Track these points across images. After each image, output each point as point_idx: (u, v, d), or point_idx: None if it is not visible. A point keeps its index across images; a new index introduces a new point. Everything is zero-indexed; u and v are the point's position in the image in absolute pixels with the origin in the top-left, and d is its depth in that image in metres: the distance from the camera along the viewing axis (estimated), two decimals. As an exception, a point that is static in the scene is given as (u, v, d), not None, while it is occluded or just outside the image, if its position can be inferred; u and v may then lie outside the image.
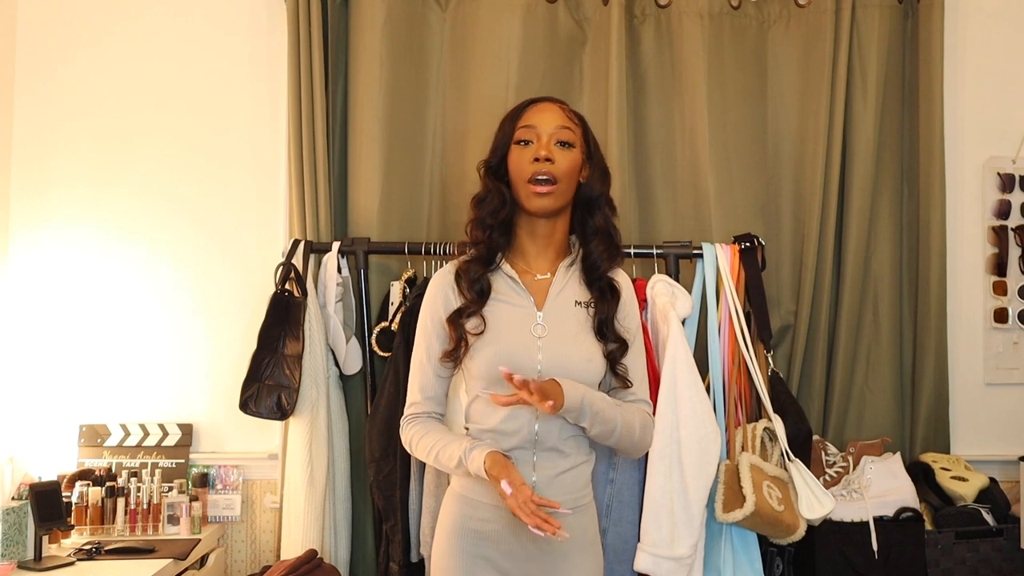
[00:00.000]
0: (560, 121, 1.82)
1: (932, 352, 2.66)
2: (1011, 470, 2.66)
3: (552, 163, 1.77)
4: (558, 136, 1.80)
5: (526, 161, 1.79)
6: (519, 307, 1.82)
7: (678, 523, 2.13)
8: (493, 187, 1.85)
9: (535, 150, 1.78)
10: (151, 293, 2.62)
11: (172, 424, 2.58)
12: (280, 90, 2.60)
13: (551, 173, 1.77)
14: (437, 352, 1.83)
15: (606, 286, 1.85)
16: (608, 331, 1.83)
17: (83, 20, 2.64)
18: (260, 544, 2.60)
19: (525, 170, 1.78)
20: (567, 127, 1.82)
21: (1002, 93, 2.81)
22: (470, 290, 1.81)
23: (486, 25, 2.63)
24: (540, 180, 1.77)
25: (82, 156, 2.62)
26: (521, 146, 1.81)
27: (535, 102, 1.86)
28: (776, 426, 2.33)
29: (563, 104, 1.87)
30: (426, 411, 1.86)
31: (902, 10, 2.73)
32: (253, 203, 2.65)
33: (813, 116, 2.67)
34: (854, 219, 2.66)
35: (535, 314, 1.81)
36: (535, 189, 1.77)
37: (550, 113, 1.83)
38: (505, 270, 1.85)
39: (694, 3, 2.67)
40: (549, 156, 1.77)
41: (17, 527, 2.13)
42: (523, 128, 1.81)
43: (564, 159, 1.79)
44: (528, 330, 1.79)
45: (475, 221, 1.86)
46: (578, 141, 1.83)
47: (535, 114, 1.83)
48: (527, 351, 1.77)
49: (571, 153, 1.80)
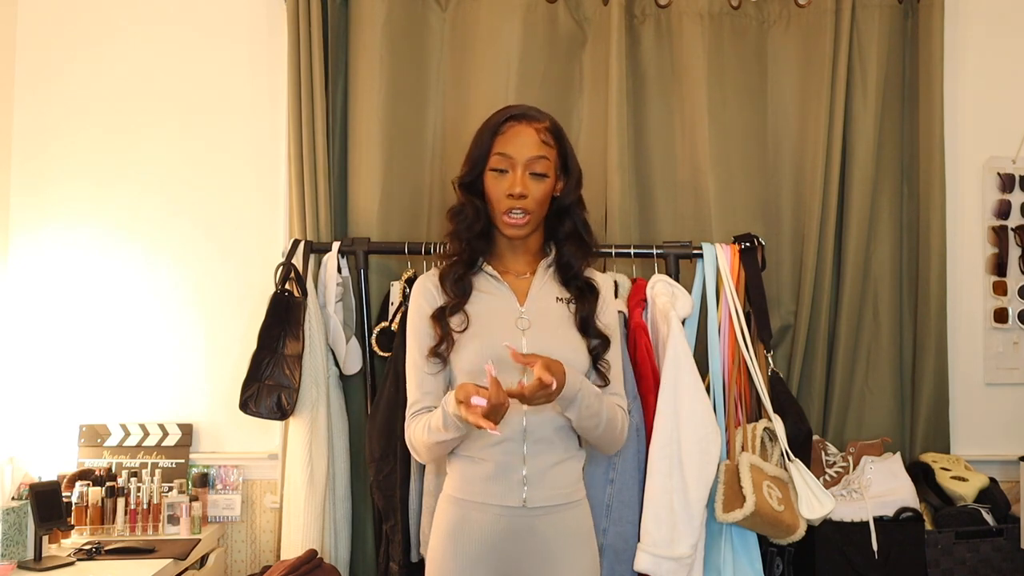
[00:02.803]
0: (534, 150, 1.82)
1: (932, 352, 2.66)
2: (1011, 470, 2.66)
3: (526, 198, 1.81)
4: (531, 167, 1.82)
5: (501, 193, 1.83)
6: (502, 300, 1.86)
7: (678, 523, 2.13)
8: (467, 201, 1.89)
9: (510, 183, 1.81)
10: (151, 293, 2.62)
11: (172, 424, 2.58)
12: (280, 90, 2.60)
13: (525, 207, 1.82)
14: (427, 347, 1.85)
15: (584, 284, 1.89)
16: (590, 327, 1.86)
17: (83, 21, 2.64)
18: (260, 544, 2.60)
19: (501, 202, 1.83)
20: (541, 156, 1.83)
21: (1002, 93, 2.81)
22: (453, 288, 1.85)
23: (486, 25, 2.63)
24: (515, 214, 1.82)
25: (82, 156, 2.62)
26: (496, 174, 1.84)
27: (512, 119, 1.85)
28: (776, 426, 2.33)
29: (539, 122, 1.86)
30: (427, 406, 1.86)
31: (902, 10, 2.73)
32: (253, 203, 2.65)
33: (813, 116, 2.67)
34: (854, 219, 2.66)
35: (518, 308, 1.85)
36: (510, 221, 1.83)
37: (525, 139, 1.83)
38: (486, 270, 1.89)
39: (694, 3, 2.67)
40: (524, 191, 1.81)
41: (17, 527, 2.13)
42: (498, 156, 1.83)
43: (538, 190, 1.83)
44: (512, 324, 1.83)
45: (452, 234, 1.90)
46: (551, 167, 1.85)
47: (510, 140, 1.83)
48: (513, 340, 1.78)
49: (544, 184, 1.84)
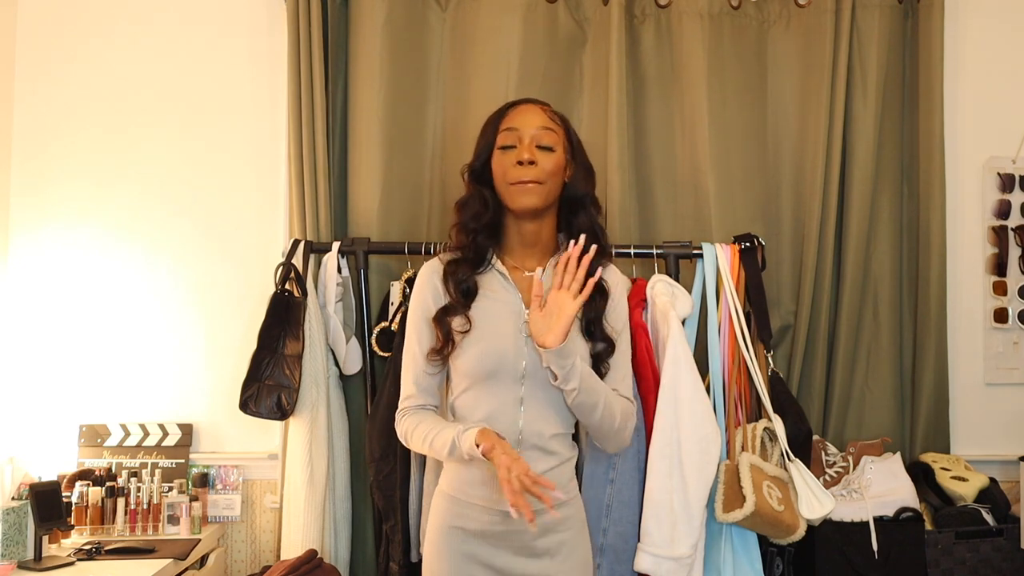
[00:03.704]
0: (541, 122, 1.83)
1: (932, 352, 2.66)
2: (1011, 470, 2.66)
3: (535, 165, 1.79)
4: (539, 139, 1.81)
5: (509, 164, 1.81)
6: (507, 304, 1.83)
7: (678, 523, 2.13)
8: (475, 191, 1.87)
9: (518, 153, 1.80)
10: (151, 293, 2.62)
11: (172, 424, 2.58)
12: (280, 90, 2.60)
13: (534, 175, 1.79)
14: (428, 345, 1.84)
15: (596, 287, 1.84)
16: (596, 331, 1.84)
17: (83, 21, 2.64)
18: (260, 544, 2.60)
19: (509, 173, 1.81)
20: (548, 128, 1.83)
21: (1002, 93, 2.81)
22: (456, 291, 1.83)
23: (486, 25, 2.63)
24: (524, 181, 1.79)
25: (82, 156, 2.62)
26: (503, 151, 1.83)
27: (516, 104, 1.88)
28: (776, 426, 2.33)
29: (544, 105, 1.88)
30: (420, 403, 1.86)
31: (902, 10, 2.72)
32: (253, 203, 2.65)
33: (813, 116, 2.67)
34: (854, 219, 2.66)
35: (523, 311, 1.82)
36: (518, 188, 1.80)
37: (531, 114, 1.84)
38: (497, 267, 1.87)
39: (694, 3, 2.66)
40: (532, 159, 1.79)
41: (17, 527, 2.13)
42: (505, 132, 1.83)
43: (546, 161, 1.81)
44: (516, 327, 1.81)
45: (458, 226, 1.88)
46: (559, 143, 1.84)
47: (516, 116, 1.84)
48: (515, 347, 1.78)
49: (552, 155, 1.82)
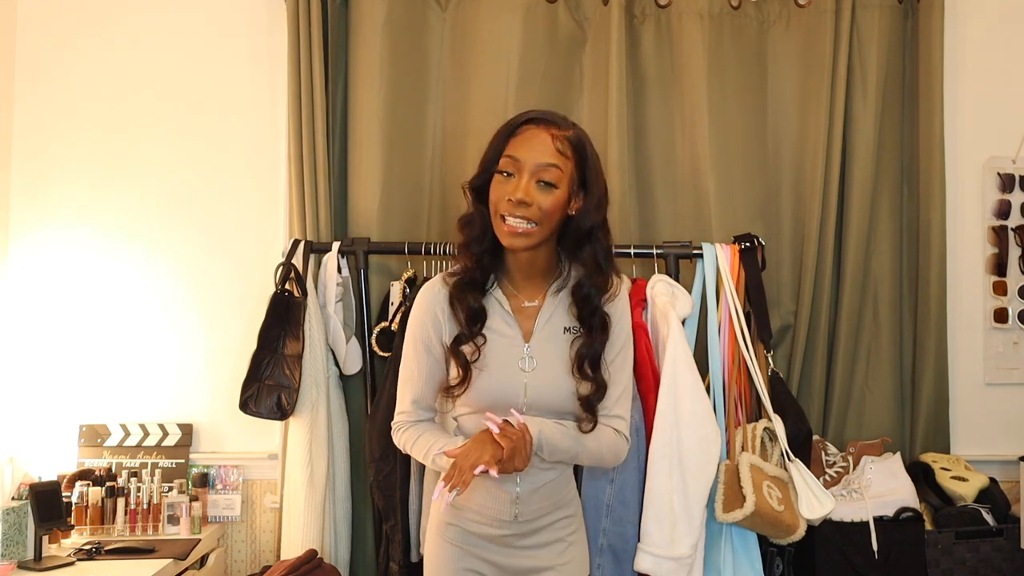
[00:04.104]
0: (546, 157, 1.67)
1: (932, 352, 2.66)
2: (1011, 470, 2.66)
3: (528, 207, 1.66)
4: (540, 175, 1.67)
5: (503, 197, 1.68)
6: (507, 338, 1.75)
7: (678, 523, 2.13)
8: (476, 211, 1.76)
9: (513, 187, 1.67)
10: (151, 293, 2.62)
11: (172, 424, 2.58)
12: (280, 90, 2.60)
13: (526, 216, 1.66)
14: (427, 367, 1.80)
15: (598, 321, 1.75)
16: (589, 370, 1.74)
17: (83, 21, 2.64)
18: (260, 544, 2.60)
19: (501, 205, 1.68)
20: (553, 164, 1.67)
21: (1002, 93, 2.81)
22: (466, 317, 1.74)
23: (486, 25, 2.63)
24: (514, 220, 1.67)
25: (82, 156, 2.62)
26: (503, 177, 1.69)
27: (530, 122, 1.72)
28: (776, 426, 2.33)
29: (558, 129, 1.71)
30: (416, 419, 1.83)
31: (902, 10, 2.72)
32: (253, 203, 2.65)
33: (813, 116, 2.67)
34: (854, 219, 2.66)
35: (522, 346, 1.75)
36: (506, 228, 1.68)
37: (538, 144, 1.68)
38: (496, 296, 1.78)
39: (694, 3, 2.67)
40: (525, 199, 1.65)
41: (17, 527, 2.13)
42: (507, 158, 1.69)
43: (544, 200, 1.67)
44: (515, 365, 1.74)
45: (463, 246, 1.77)
46: (564, 179, 1.68)
47: (522, 144, 1.69)
48: (513, 386, 1.73)
49: (552, 195, 1.67)
